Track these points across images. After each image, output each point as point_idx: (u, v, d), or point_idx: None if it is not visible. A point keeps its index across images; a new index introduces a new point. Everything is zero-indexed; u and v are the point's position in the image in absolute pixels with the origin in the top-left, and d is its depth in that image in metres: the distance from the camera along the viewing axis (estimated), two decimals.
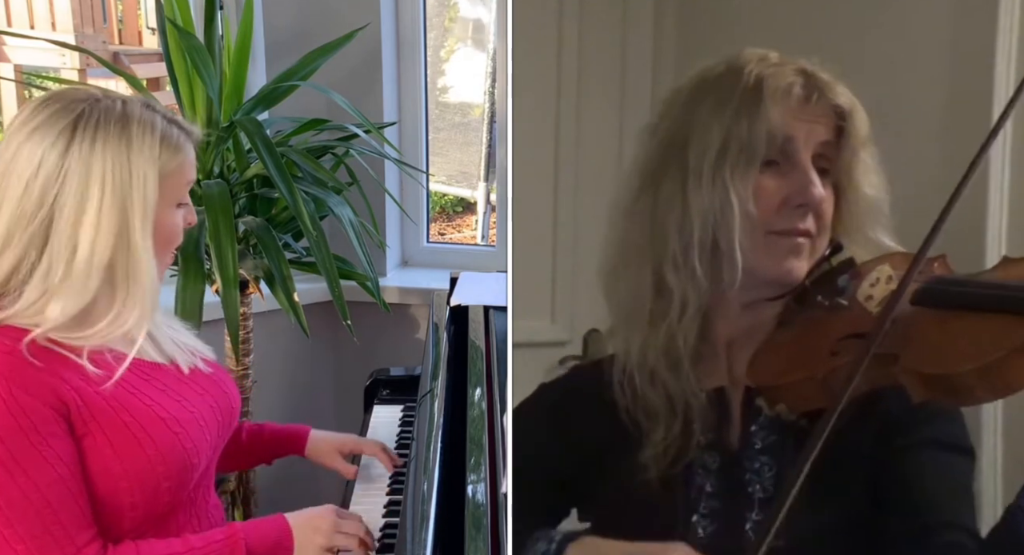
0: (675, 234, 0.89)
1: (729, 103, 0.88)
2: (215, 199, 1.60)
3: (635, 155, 0.92)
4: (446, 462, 1.26)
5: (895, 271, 0.84)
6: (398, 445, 1.64)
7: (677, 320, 0.90)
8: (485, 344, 1.59)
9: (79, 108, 1.10)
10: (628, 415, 0.90)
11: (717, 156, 0.87)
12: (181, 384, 1.23)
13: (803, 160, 0.88)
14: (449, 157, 4.15)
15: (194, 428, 1.19)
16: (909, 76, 0.89)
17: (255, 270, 1.85)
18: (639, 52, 0.91)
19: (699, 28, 0.92)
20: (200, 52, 1.68)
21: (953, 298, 0.80)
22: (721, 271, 0.88)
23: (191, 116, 1.78)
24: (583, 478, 0.94)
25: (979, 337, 0.77)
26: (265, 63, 2.13)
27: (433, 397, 1.46)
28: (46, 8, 4.07)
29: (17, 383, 1.06)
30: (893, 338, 0.80)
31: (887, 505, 0.86)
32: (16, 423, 1.05)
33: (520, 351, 0.89)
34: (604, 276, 0.93)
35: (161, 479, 1.14)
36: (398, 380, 1.88)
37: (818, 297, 0.88)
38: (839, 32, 0.89)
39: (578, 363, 0.95)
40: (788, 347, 0.89)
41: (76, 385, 1.10)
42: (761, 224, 0.88)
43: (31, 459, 1.06)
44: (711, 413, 0.90)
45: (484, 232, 3.92)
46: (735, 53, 0.89)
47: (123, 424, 1.12)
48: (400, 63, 2.26)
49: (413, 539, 1.12)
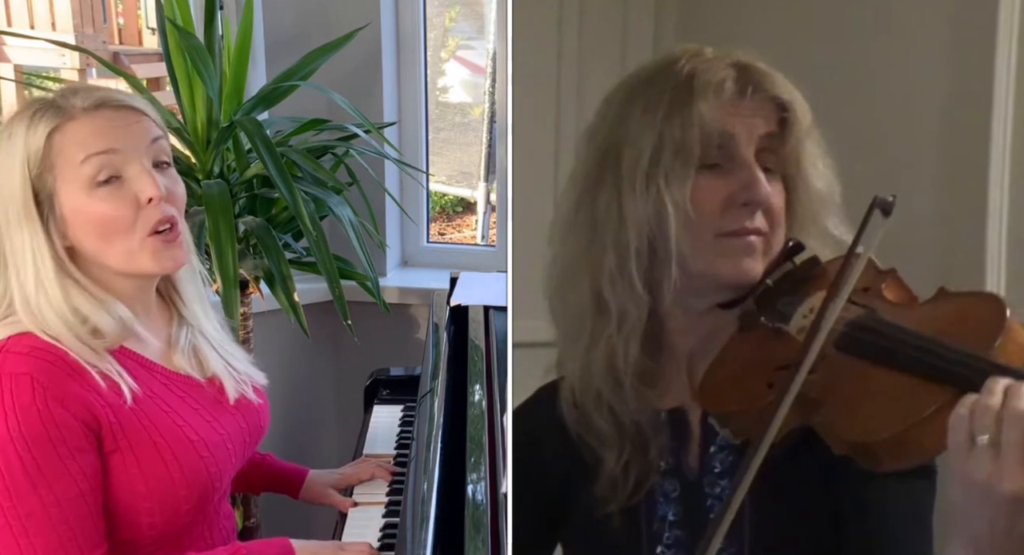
0: (611, 247, 0.86)
1: (661, 103, 0.84)
2: (215, 199, 1.60)
3: (573, 164, 0.89)
4: (446, 462, 1.26)
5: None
6: (398, 445, 1.64)
7: (616, 337, 0.86)
8: (485, 344, 1.59)
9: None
10: (581, 441, 0.87)
11: (650, 162, 0.84)
12: (216, 405, 1.22)
13: (745, 157, 0.84)
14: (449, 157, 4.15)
15: (221, 451, 1.18)
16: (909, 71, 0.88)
17: (255, 270, 1.85)
18: (639, 52, 0.91)
19: (700, 28, 0.91)
20: (200, 52, 1.68)
21: (871, 350, 0.77)
22: (663, 282, 0.85)
23: (191, 116, 1.78)
24: (556, 508, 0.92)
25: (891, 401, 0.74)
26: (265, 63, 2.13)
27: (433, 397, 1.46)
28: (46, 8, 4.07)
29: (53, 394, 1.04)
30: (821, 381, 0.77)
31: (843, 534, 0.83)
32: (47, 434, 1.03)
33: (520, 351, 0.89)
34: (549, 296, 0.90)
35: (182, 501, 1.13)
36: (398, 380, 1.88)
37: (762, 319, 0.85)
38: (840, 29, 0.88)
39: (543, 385, 0.93)
40: (732, 370, 0.86)
41: (111, 401, 1.08)
42: (708, 227, 0.84)
43: (56, 472, 1.04)
44: (669, 435, 0.87)
45: (484, 232, 3.91)
46: (668, 50, 0.86)
47: (152, 445, 1.11)
48: (400, 63, 2.26)
49: (413, 539, 1.12)
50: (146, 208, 1.10)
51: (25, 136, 1.07)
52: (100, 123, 1.09)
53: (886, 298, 0.80)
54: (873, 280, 0.81)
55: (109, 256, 1.11)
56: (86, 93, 1.10)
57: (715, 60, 0.84)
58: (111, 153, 1.09)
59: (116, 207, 1.09)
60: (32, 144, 1.07)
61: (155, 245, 1.12)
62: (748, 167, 0.84)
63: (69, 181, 1.08)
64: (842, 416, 0.76)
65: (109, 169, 1.08)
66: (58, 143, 1.07)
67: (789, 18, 0.90)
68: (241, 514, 1.93)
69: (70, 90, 1.11)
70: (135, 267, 1.13)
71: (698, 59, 0.85)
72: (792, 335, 0.83)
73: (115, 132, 1.09)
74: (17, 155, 1.07)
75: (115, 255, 1.11)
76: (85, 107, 1.09)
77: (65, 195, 1.08)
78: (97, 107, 1.09)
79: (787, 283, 0.85)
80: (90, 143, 1.08)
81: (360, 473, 1.49)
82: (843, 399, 0.77)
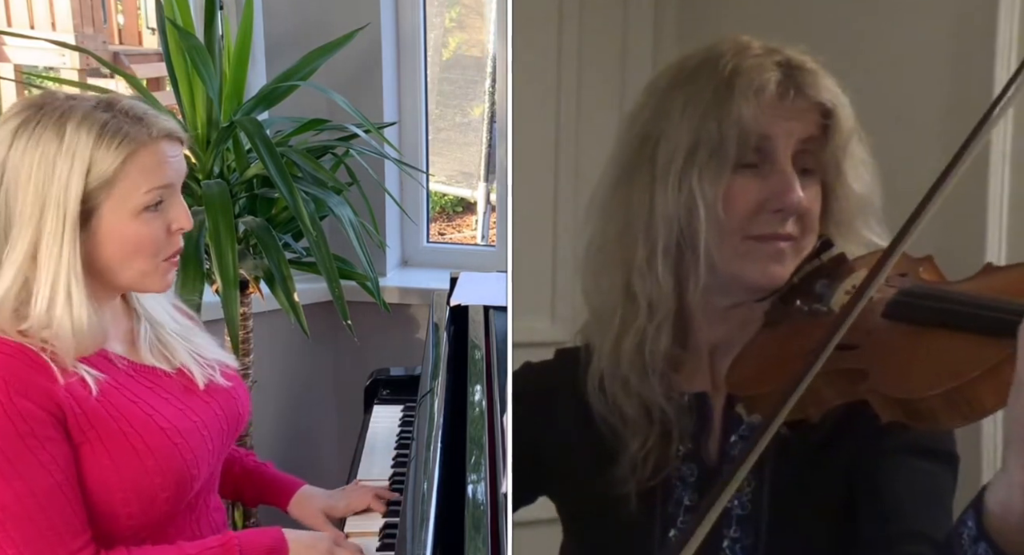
0: (642, 239, 0.85)
1: (701, 99, 0.83)
2: (215, 199, 1.60)
3: (614, 146, 0.88)
4: (446, 462, 1.26)
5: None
6: (398, 445, 1.64)
7: (648, 327, 0.86)
8: (485, 344, 1.59)
9: (30, 110, 1.09)
10: (604, 423, 0.87)
11: (685, 158, 0.83)
12: (187, 393, 1.23)
13: (782, 161, 0.83)
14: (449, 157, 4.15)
15: (195, 438, 1.18)
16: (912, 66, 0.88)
17: (255, 270, 1.85)
18: (639, 52, 0.91)
19: (700, 27, 0.91)
20: (200, 52, 1.68)
21: (924, 313, 0.76)
22: (689, 279, 0.84)
23: (191, 116, 1.78)
24: (561, 484, 0.91)
25: (947, 359, 0.72)
26: (265, 63, 2.13)
27: (433, 397, 1.46)
28: (46, 8, 4.07)
29: (15, 388, 1.05)
30: (865, 353, 0.77)
31: (859, 514, 0.82)
32: (14, 428, 1.05)
33: (520, 351, 0.88)
34: (581, 273, 0.89)
35: (158, 490, 1.14)
36: (398, 380, 1.88)
37: (797, 302, 0.84)
38: (841, 26, 0.88)
39: (564, 349, 0.91)
40: (766, 354, 0.86)
41: (75, 392, 1.09)
42: (737, 229, 0.83)
43: (27, 464, 1.05)
44: (691, 420, 0.87)
45: (484, 232, 3.92)
46: (715, 40, 0.84)
47: (122, 434, 1.12)
48: (400, 63, 2.26)
49: (413, 539, 1.12)
50: (173, 235, 1.17)
51: (92, 149, 1.08)
52: (164, 155, 1.13)
53: (924, 280, 0.80)
54: (910, 266, 0.80)
55: (123, 272, 1.15)
56: (152, 118, 1.13)
57: (761, 57, 0.83)
58: (167, 187, 1.14)
59: (153, 231, 1.14)
60: (101, 161, 1.08)
61: (166, 268, 1.18)
62: (783, 173, 0.83)
63: (122, 202, 1.11)
64: (893, 377, 0.75)
65: (159, 197, 1.14)
66: (128, 168, 1.10)
67: (789, 18, 0.90)
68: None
69: (134, 114, 1.12)
70: (143, 285, 1.18)
71: (743, 56, 0.83)
72: (831, 311, 0.82)
73: (173, 165, 1.15)
74: (78, 164, 1.08)
75: (130, 273, 1.15)
76: (156, 136, 1.12)
77: (109, 212, 1.11)
78: (165, 138, 1.13)
79: (813, 279, 0.84)
80: (156, 175, 1.12)
81: (354, 504, 1.43)
82: (893, 364, 0.75)
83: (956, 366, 0.71)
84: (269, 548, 1.21)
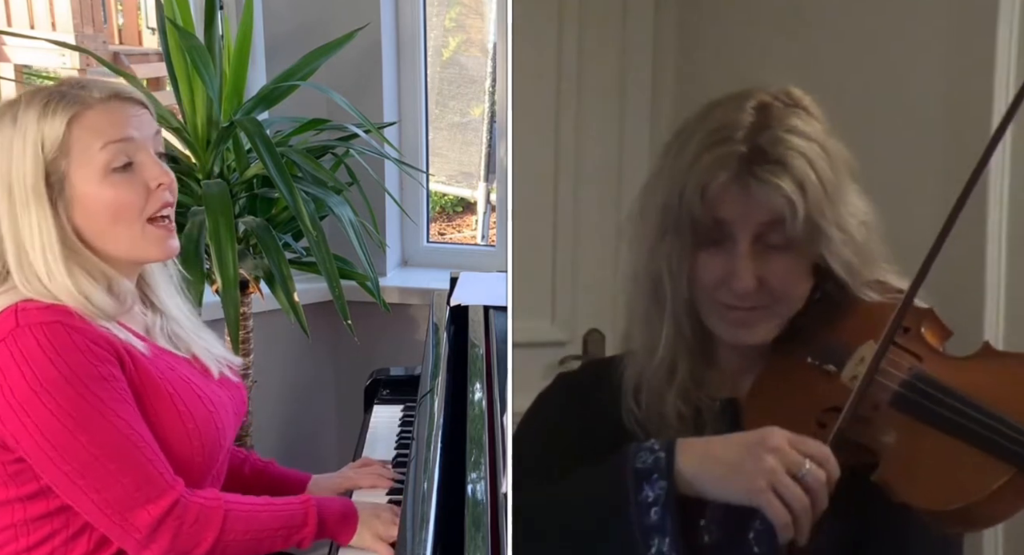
0: (649, 281, 0.88)
1: (670, 174, 0.85)
2: (215, 199, 1.60)
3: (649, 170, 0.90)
4: (446, 462, 1.26)
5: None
6: (398, 445, 1.64)
7: (679, 352, 0.88)
8: (485, 344, 1.59)
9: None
10: (640, 427, 0.88)
11: (659, 225, 0.86)
12: (204, 376, 1.27)
13: (738, 244, 0.83)
14: (449, 157, 4.15)
15: (222, 410, 1.24)
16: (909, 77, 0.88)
17: (255, 270, 1.85)
18: (639, 52, 0.91)
19: (700, 27, 0.91)
20: (200, 52, 1.68)
21: (928, 414, 0.77)
22: (688, 323, 0.87)
23: (191, 116, 1.78)
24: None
25: (957, 473, 0.74)
26: (265, 63, 2.13)
27: (433, 397, 1.46)
28: (46, 8, 4.07)
29: (87, 335, 1.10)
30: (872, 433, 0.78)
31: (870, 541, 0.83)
32: (98, 372, 1.09)
33: (520, 351, 0.89)
34: (621, 286, 0.91)
35: (195, 454, 1.18)
36: (398, 380, 1.88)
37: (808, 359, 0.85)
38: (839, 31, 0.88)
39: (593, 359, 0.94)
40: (778, 399, 0.87)
41: (128, 348, 1.14)
42: (707, 294, 0.86)
43: (118, 402, 1.10)
44: (722, 424, 0.88)
45: (484, 232, 3.92)
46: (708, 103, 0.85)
47: (167, 394, 1.16)
48: (400, 63, 2.26)
49: (413, 539, 1.12)
50: (155, 192, 1.17)
51: (39, 122, 1.11)
52: (116, 112, 1.15)
53: (927, 342, 0.80)
54: (914, 320, 0.80)
55: (112, 241, 1.16)
56: (97, 84, 1.16)
57: (724, 142, 0.83)
58: (127, 141, 1.15)
59: (128, 192, 1.15)
60: (49, 130, 1.11)
61: (158, 233, 1.18)
62: (738, 256, 0.83)
63: (84, 166, 1.13)
64: (902, 478, 0.77)
65: (124, 156, 1.15)
66: (76, 131, 1.12)
67: (789, 18, 0.90)
68: None
69: (78, 82, 1.17)
70: (139, 254, 1.19)
71: (708, 140, 0.83)
72: (844, 383, 0.82)
73: (130, 121, 1.16)
74: (30, 139, 1.11)
75: (119, 241, 1.17)
76: (100, 97, 1.14)
77: (78, 179, 1.13)
78: (111, 97, 1.15)
79: (821, 334, 0.85)
80: (108, 131, 1.14)
81: (360, 480, 1.49)
82: (902, 458, 0.77)
83: (964, 484, 0.73)
84: (342, 513, 1.27)
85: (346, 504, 1.29)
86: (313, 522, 1.23)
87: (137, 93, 1.19)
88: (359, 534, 1.26)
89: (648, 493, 0.81)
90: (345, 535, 1.26)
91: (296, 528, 1.22)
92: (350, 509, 1.28)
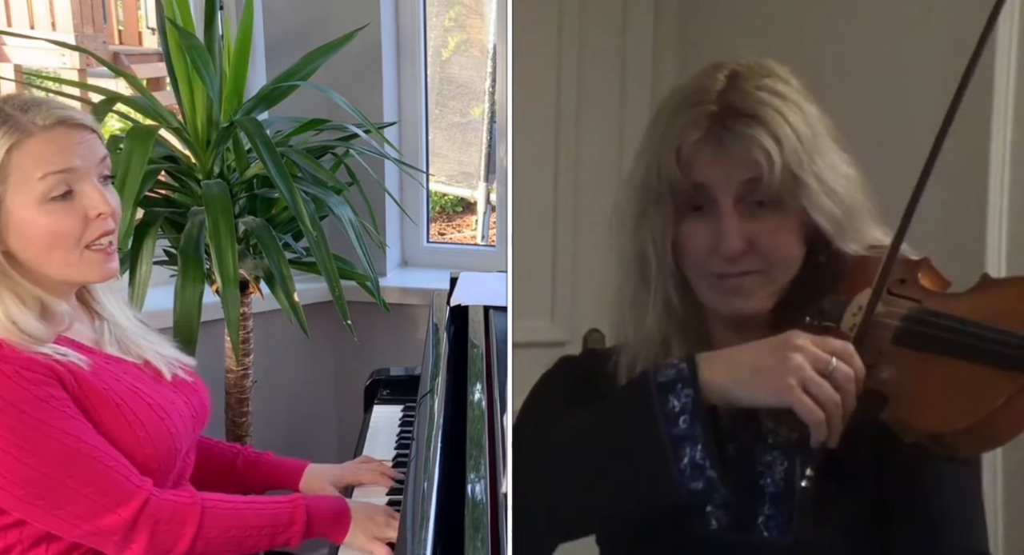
0: (632, 254, 0.88)
1: (649, 148, 0.85)
2: (215, 199, 1.60)
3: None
4: (446, 462, 1.26)
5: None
6: (398, 445, 1.64)
7: (663, 330, 0.88)
8: (485, 344, 1.59)
9: None
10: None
11: (640, 201, 0.85)
12: (156, 381, 1.27)
13: (722, 205, 0.83)
14: (449, 157, 4.15)
15: (175, 414, 1.24)
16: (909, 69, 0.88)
17: (255, 270, 1.85)
18: (639, 51, 0.91)
19: (700, 27, 0.91)
20: (200, 52, 1.68)
21: (934, 343, 0.77)
22: (679, 299, 0.87)
23: (191, 116, 1.78)
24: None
25: (964, 391, 0.74)
26: (265, 63, 2.13)
27: (433, 397, 1.46)
28: (46, 8, 4.08)
29: (18, 363, 1.10)
30: (880, 373, 0.78)
31: (898, 519, 0.83)
32: (34, 395, 1.09)
33: (520, 351, 0.89)
34: (613, 273, 0.91)
35: (150, 460, 1.18)
36: (398, 380, 1.88)
37: (807, 319, 0.85)
38: (839, 27, 0.88)
39: (594, 348, 0.94)
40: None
41: (68, 366, 1.14)
42: (698, 266, 0.85)
43: (61, 420, 1.10)
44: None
45: (484, 232, 3.92)
46: (674, 84, 0.85)
47: (115, 405, 1.16)
48: (400, 63, 2.26)
49: (413, 539, 1.12)
50: (94, 221, 1.15)
51: None
52: (58, 141, 1.12)
53: (924, 287, 0.80)
54: (908, 271, 0.81)
55: (47, 265, 1.15)
56: (43, 110, 1.12)
57: (696, 105, 0.83)
58: (68, 172, 1.12)
59: (66, 221, 1.13)
60: None
61: (96, 257, 1.16)
62: (722, 217, 0.83)
63: (21, 194, 1.11)
64: (912, 409, 0.76)
65: (64, 185, 1.12)
66: (16, 158, 1.10)
67: (789, 16, 0.90)
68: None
69: (24, 104, 1.13)
70: (75, 277, 1.18)
71: (683, 105, 0.83)
72: (844, 332, 0.82)
73: (74, 150, 1.13)
74: None
75: (55, 265, 1.15)
76: (44, 125, 1.11)
77: (15, 204, 1.11)
78: (56, 124, 1.12)
79: (817, 296, 0.85)
80: (49, 161, 1.11)
81: (361, 476, 1.49)
82: (910, 391, 0.76)
83: (975, 399, 0.73)
84: (334, 513, 1.27)
85: (339, 503, 1.29)
86: (301, 521, 1.23)
87: (85, 118, 1.16)
88: (352, 533, 1.26)
89: (674, 403, 0.79)
90: (337, 534, 1.26)
91: (283, 527, 1.22)
92: (343, 508, 1.28)
